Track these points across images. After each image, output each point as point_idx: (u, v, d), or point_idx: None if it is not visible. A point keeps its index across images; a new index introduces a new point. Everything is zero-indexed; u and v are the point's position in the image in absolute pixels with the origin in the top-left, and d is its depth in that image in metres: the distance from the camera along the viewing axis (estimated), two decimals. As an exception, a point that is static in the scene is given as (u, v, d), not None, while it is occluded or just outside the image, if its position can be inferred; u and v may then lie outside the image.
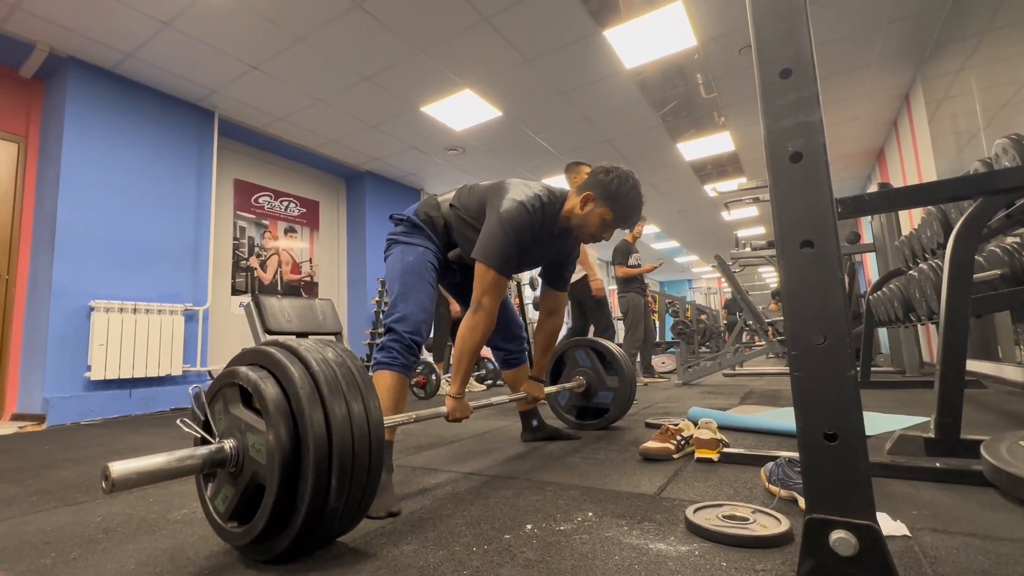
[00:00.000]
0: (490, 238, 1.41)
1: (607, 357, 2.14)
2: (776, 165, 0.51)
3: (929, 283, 1.90)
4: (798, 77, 0.49)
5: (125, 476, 0.71)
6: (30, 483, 1.63)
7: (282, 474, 0.78)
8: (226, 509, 0.87)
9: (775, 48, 0.50)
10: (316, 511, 0.80)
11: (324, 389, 0.83)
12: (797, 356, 0.47)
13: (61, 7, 2.89)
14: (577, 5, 3.08)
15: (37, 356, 3.17)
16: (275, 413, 0.81)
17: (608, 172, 1.49)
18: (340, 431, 0.82)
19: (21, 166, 3.44)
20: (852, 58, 3.81)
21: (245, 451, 0.84)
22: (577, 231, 1.55)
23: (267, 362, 0.88)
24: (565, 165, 3.51)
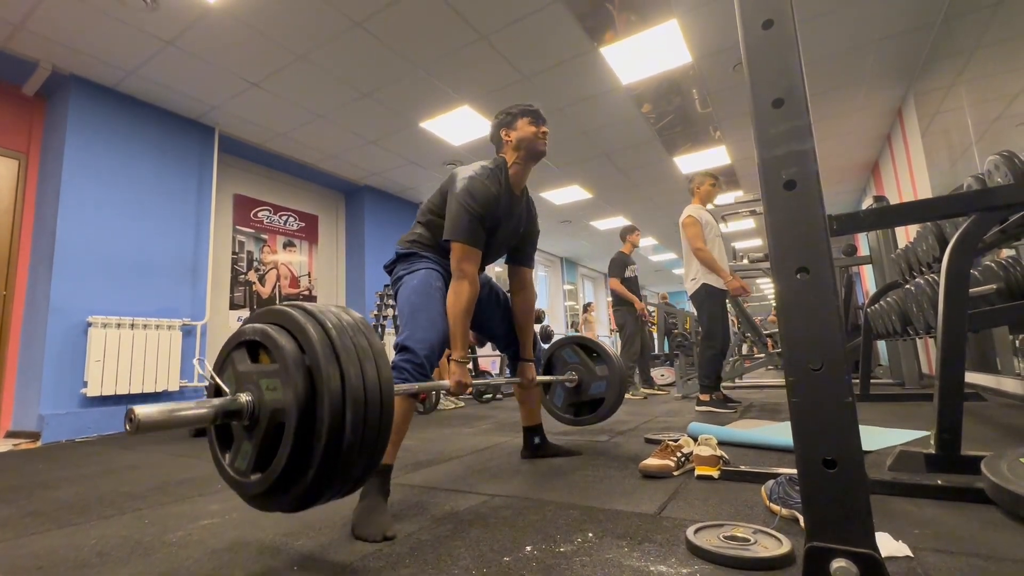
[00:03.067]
0: (454, 216, 1.49)
1: (593, 349, 2.16)
2: (770, 192, 0.52)
3: (926, 297, 1.91)
4: (790, 107, 0.50)
5: (149, 419, 0.72)
6: (23, 503, 1.61)
7: (299, 409, 0.78)
8: (247, 465, 0.85)
9: (768, 79, 0.51)
10: (333, 447, 0.79)
11: (337, 341, 0.83)
12: (794, 382, 0.47)
13: (65, 27, 2.92)
14: (574, 23, 3.13)
15: (33, 373, 3.16)
16: (290, 355, 0.81)
17: (506, 111, 1.68)
18: (353, 383, 0.81)
19: (22, 182, 3.45)
20: (845, 74, 3.87)
21: (260, 402, 0.83)
22: (524, 161, 1.62)
23: (282, 320, 0.88)
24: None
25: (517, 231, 1.73)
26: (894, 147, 5.04)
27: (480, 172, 1.54)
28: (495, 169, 1.58)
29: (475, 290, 1.48)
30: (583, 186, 6.16)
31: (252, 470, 0.84)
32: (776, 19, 0.52)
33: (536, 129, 1.62)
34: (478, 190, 1.50)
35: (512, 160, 1.62)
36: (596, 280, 12.96)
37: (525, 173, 1.65)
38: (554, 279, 10.57)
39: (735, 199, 6.01)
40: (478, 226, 1.49)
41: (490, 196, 1.52)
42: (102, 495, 1.67)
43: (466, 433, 2.71)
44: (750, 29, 0.56)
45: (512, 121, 1.64)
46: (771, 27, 0.53)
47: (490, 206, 1.52)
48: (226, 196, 4.67)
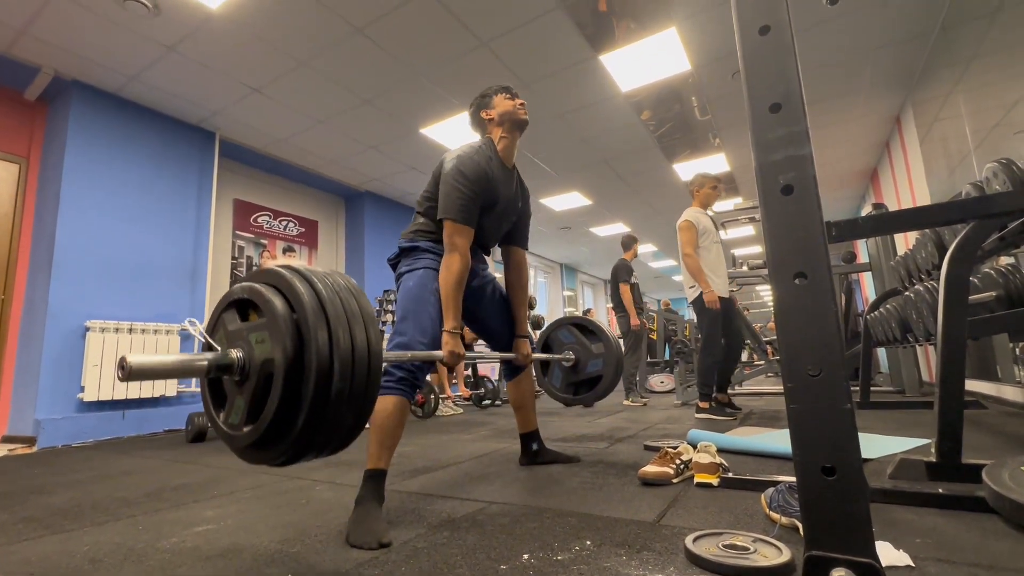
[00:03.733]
0: (445, 195, 1.52)
1: (589, 328, 2.17)
2: (768, 197, 0.52)
3: (925, 305, 1.90)
4: (787, 112, 0.50)
5: (140, 367, 0.71)
6: (17, 509, 1.59)
7: (287, 361, 0.78)
8: (240, 419, 0.85)
9: (765, 84, 0.51)
10: (320, 401, 0.79)
11: (327, 301, 0.84)
12: (793, 388, 0.47)
13: (68, 32, 2.94)
14: (574, 31, 3.15)
15: (30, 377, 3.14)
16: (278, 309, 0.81)
17: (482, 94, 1.73)
18: (342, 344, 0.82)
19: (22, 187, 3.46)
20: (843, 82, 3.89)
21: (250, 356, 0.84)
22: (510, 132, 1.66)
23: (272, 279, 0.89)
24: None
25: (516, 205, 1.76)
26: (893, 154, 5.05)
27: (468, 151, 1.57)
28: (483, 146, 1.62)
29: (466, 263, 1.50)
30: (583, 193, 6.18)
31: (244, 423, 0.84)
32: (773, 25, 0.52)
33: (514, 101, 1.68)
34: (468, 167, 1.53)
35: (498, 135, 1.67)
36: (596, 286, 12.96)
37: (513, 145, 1.69)
38: (554, 285, 10.57)
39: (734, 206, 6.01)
40: (469, 203, 1.52)
41: (481, 171, 1.54)
42: (96, 501, 1.65)
43: (464, 440, 2.70)
44: (747, 35, 0.56)
45: (489, 101, 1.70)
46: (768, 33, 0.53)
47: (482, 181, 1.55)
48: (226, 201, 4.67)
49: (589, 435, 2.67)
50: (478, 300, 1.78)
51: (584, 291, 12.32)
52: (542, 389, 2.25)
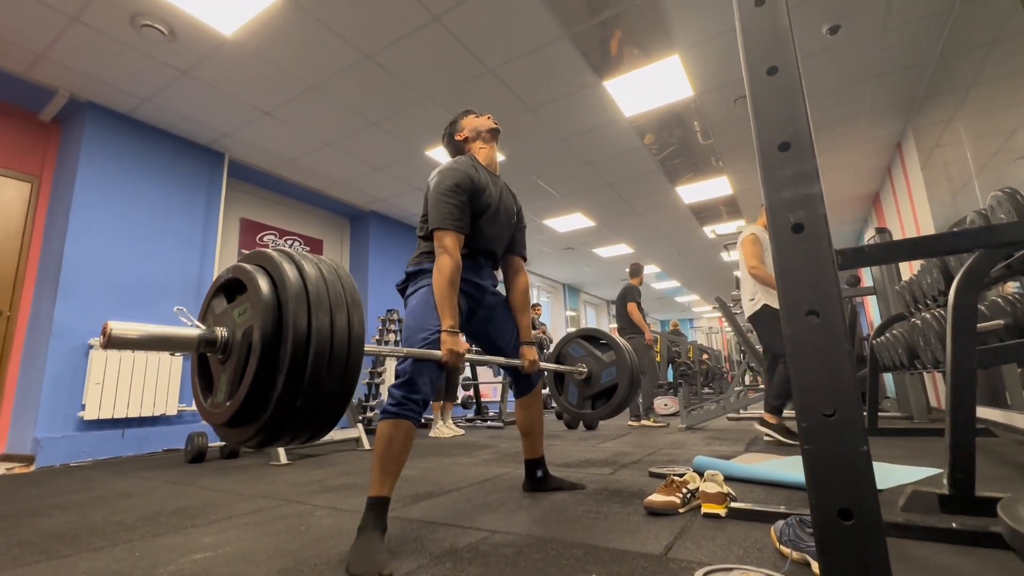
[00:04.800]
0: (431, 208, 1.56)
1: (598, 338, 2.15)
2: (779, 235, 0.52)
3: (933, 332, 1.89)
4: (797, 150, 0.51)
5: (122, 336, 0.71)
6: (12, 532, 1.57)
7: (264, 332, 0.79)
8: (223, 396, 0.85)
9: (773, 123, 0.52)
10: (295, 378, 0.80)
11: (311, 283, 0.86)
12: (807, 428, 0.46)
13: (85, 57, 3.01)
14: (578, 58, 3.21)
15: (31, 395, 3.13)
16: (261, 286, 0.83)
17: (449, 123, 1.81)
18: (321, 326, 0.83)
19: (33, 205, 3.50)
20: (844, 109, 3.94)
21: (233, 333, 0.85)
22: (486, 141, 1.75)
23: (260, 260, 0.91)
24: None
25: (512, 209, 1.80)
26: (894, 180, 5.09)
27: (451, 163, 1.63)
28: (465, 159, 1.68)
29: (456, 262, 1.50)
30: (586, 214, 6.22)
31: (226, 398, 0.84)
32: (781, 65, 0.53)
33: (481, 116, 1.78)
34: (450, 177, 1.57)
35: (477, 148, 1.75)
36: (599, 307, 12.94)
37: (493, 153, 1.77)
38: (556, 305, 10.56)
39: (737, 228, 6.03)
40: (455, 210, 1.54)
41: (465, 176, 1.58)
42: (93, 524, 1.63)
43: (467, 463, 2.66)
44: (755, 75, 0.57)
45: (457, 124, 1.79)
46: (776, 73, 0.54)
47: (467, 185, 1.58)
48: (233, 220, 4.72)
49: (593, 460, 2.63)
50: (490, 319, 1.78)
51: (587, 311, 12.29)
52: (559, 408, 2.21)
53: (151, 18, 2.73)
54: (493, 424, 4.92)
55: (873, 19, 2.96)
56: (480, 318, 1.77)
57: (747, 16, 0.56)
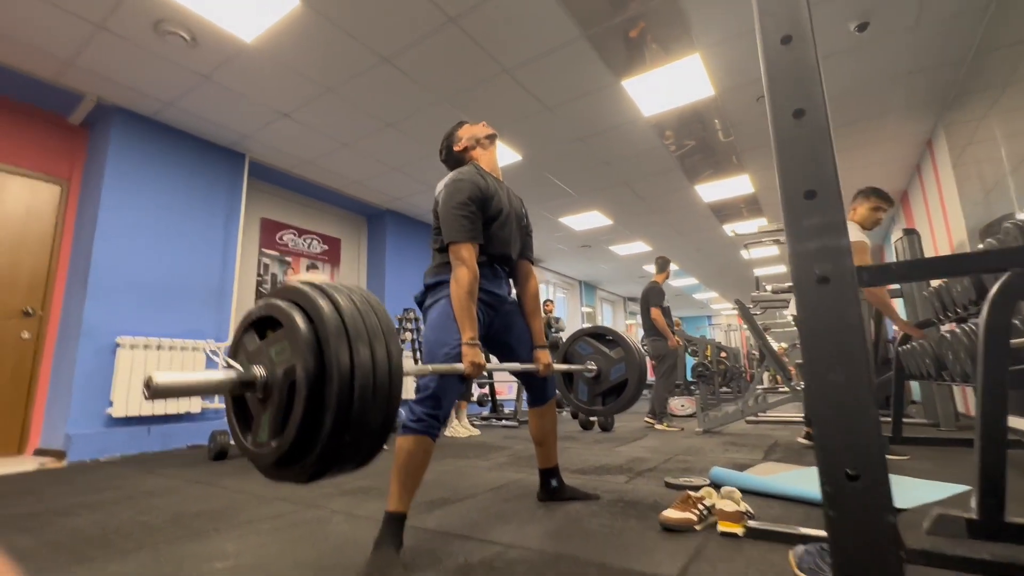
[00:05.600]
0: (444, 221, 1.57)
1: (605, 335, 2.14)
2: (803, 288, 0.50)
3: (963, 348, 1.83)
4: (823, 199, 0.49)
5: (165, 386, 0.73)
6: (43, 532, 1.63)
7: (307, 369, 0.79)
8: (266, 435, 0.85)
9: (799, 169, 0.50)
10: (344, 410, 0.79)
11: (348, 317, 0.85)
12: (829, 494, 0.44)
13: (111, 63, 3.08)
14: (596, 58, 3.17)
15: (63, 392, 3.24)
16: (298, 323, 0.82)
17: (445, 137, 1.85)
18: (363, 359, 0.83)
19: (62, 208, 3.60)
20: (873, 106, 3.82)
21: (272, 371, 0.84)
22: (485, 147, 1.77)
23: (291, 295, 0.90)
24: None
25: (521, 212, 1.82)
26: (924, 177, 4.92)
27: (455, 175, 1.63)
28: (468, 168, 1.68)
29: (473, 273, 1.51)
30: (603, 212, 6.16)
31: (271, 439, 0.84)
32: (808, 108, 0.51)
33: (476, 124, 1.80)
34: (460, 187, 1.58)
35: (475, 154, 1.76)
36: (615, 303, 12.85)
37: (494, 157, 1.79)
38: (572, 302, 10.52)
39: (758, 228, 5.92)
40: (468, 222, 1.55)
41: (474, 185, 1.59)
42: (120, 525, 1.68)
43: (481, 467, 2.68)
44: (780, 117, 0.55)
45: (453, 137, 1.81)
46: (803, 116, 0.52)
47: (477, 193, 1.59)
48: (253, 220, 4.80)
49: (608, 466, 2.62)
50: (508, 327, 1.78)
51: (603, 308, 12.22)
52: (568, 406, 2.21)
53: (174, 25, 2.78)
54: (508, 423, 4.93)
55: (904, 16, 2.85)
56: (498, 327, 1.77)
57: (773, 54, 0.54)
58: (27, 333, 3.35)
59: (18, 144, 3.45)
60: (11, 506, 2.02)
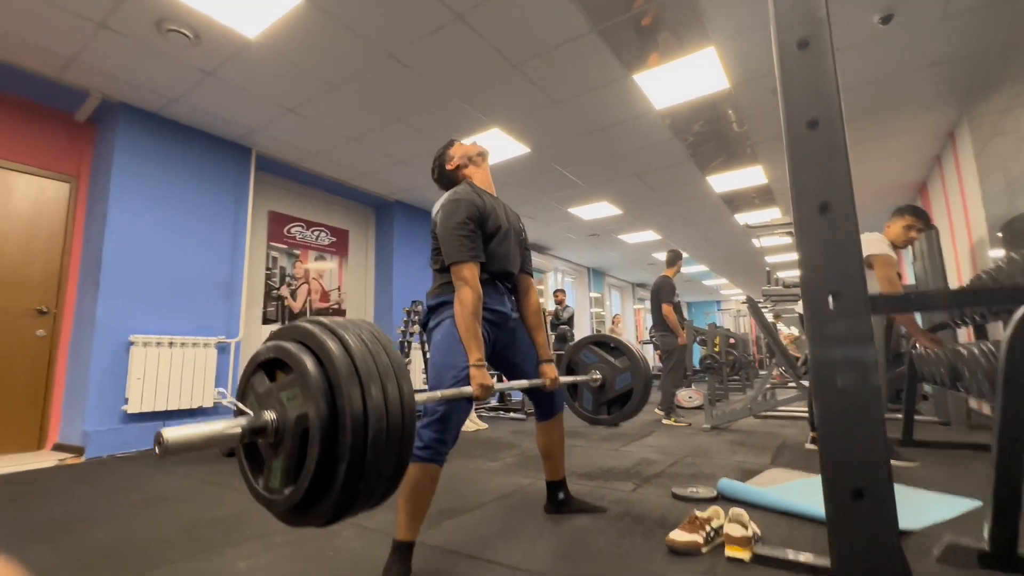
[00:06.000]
0: (444, 243, 1.56)
1: (610, 344, 2.13)
2: (814, 306, 0.48)
3: (980, 368, 1.79)
4: (837, 213, 0.46)
5: (177, 443, 0.73)
6: (62, 544, 1.67)
7: (320, 416, 0.79)
8: (279, 482, 0.84)
9: (813, 182, 0.47)
10: (358, 457, 0.79)
11: (358, 358, 0.84)
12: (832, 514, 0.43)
13: (114, 60, 3.04)
14: (607, 52, 3.08)
15: (79, 389, 3.30)
16: (308, 366, 0.81)
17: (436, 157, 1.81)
18: (375, 401, 0.82)
19: (72, 205, 3.62)
20: (894, 97, 3.69)
21: (283, 416, 0.83)
22: (477, 165, 1.76)
23: (299, 336, 0.88)
24: None
25: (519, 228, 1.82)
26: (944, 168, 4.78)
27: (451, 195, 1.62)
28: (462, 186, 1.67)
29: (477, 293, 1.50)
30: (612, 202, 6.08)
31: (284, 485, 0.83)
32: (822, 118, 0.48)
33: (467, 144, 1.80)
34: (457, 207, 1.56)
35: (470, 174, 1.75)
36: (623, 289, 12.80)
37: (487, 174, 1.79)
38: (580, 288, 10.49)
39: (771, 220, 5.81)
40: (468, 241, 1.54)
41: (470, 204, 1.58)
42: (138, 538, 1.72)
43: (489, 470, 2.70)
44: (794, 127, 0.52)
45: (444, 156, 1.79)
46: (817, 127, 0.49)
47: (475, 212, 1.58)
48: (261, 213, 4.79)
49: (615, 470, 2.63)
50: (512, 343, 1.77)
51: (611, 294, 12.18)
52: (576, 414, 2.21)
53: (176, 23, 2.73)
54: (516, 416, 4.97)
55: (932, 8, 2.72)
56: (503, 344, 1.76)
57: (788, 58, 0.52)
58: (42, 331, 3.41)
59: (25, 142, 3.44)
60: (34, 509, 2.07)
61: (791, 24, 0.58)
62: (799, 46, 0.58)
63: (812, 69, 0.56)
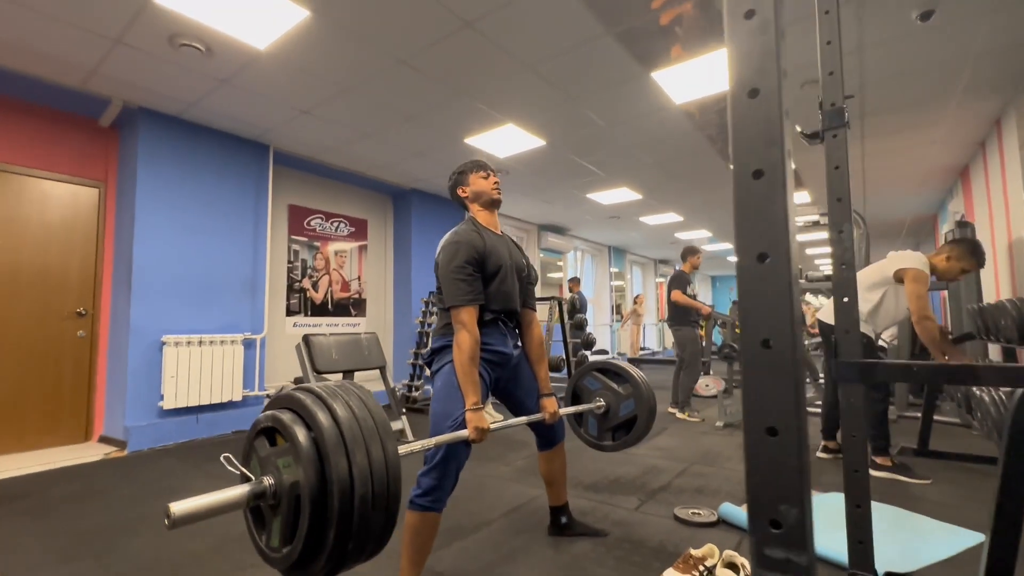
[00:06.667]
0: (444, 287, 1.61)
1: (613, 371, 2.14)
2: (749, 354, 0.53)
3: (990, 417, 1.75)
4: (774, 262, 0.50)
5: (184, 514, 0.81)
6: (105, 558, 1.84)
7: (310, 486, 0.86)
8: (278, 541, 0.93)
9: (754, 233, 0.49)
10: (346, 521, 0.87)
11: (345, 426, 0.91)
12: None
13: (131, 71, 3.09)
14: (623, 53, 2.96)
15: (119, 386, 3.53)
16: (300, 437, 0.89)
17: (454, 172, 1.82)
18: (360, 466, 0.89)
19: (102, 210, 3.76)
20: (936, 87, 3.45)
21: (280, 481, 0.91)
22: (485, 208, 1.77)
23: (293, 405, 0.97)
24: None
25: (523, 264, 1.83)
26: (988, 155, 4.50)
27: (453, 237, 1.65)
28: (466, 226, 1.70)
29: (474, 338, 1.54)
30: (632, 188, 5.95)
31: (282, 544, 0.92)
32: (767, 169, 0.50)
33: (487, 180, 1.77)
34: (456, 251, 1.59)
35: (475, 211, 1.78)
36: (645, 266, 12.64)
37: (493, 218, 1.79)
38: (600, 266, 10.41)
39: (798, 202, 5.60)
40: (467, 284, 1.57)
41: (470, 246, 1.61)
42: (170, 553, 1.88)
43: (501, 476, 2.80)
44: (741, 177, 0.55)
45: (465, 178, 1.79)
46: (761, 176, 0.52)
47: (475, 254, 1.61)
48: (281, 208, 4.88)
49: (622, 480, 2.70)
50: (515, 378, 1.82)
51: (633, 271, 12.05)
52: (581, 440, 2.23)
53: (188, 38, 2.74)
54: (531, 405, 5.07)
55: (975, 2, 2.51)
56: (506, 379, 1.81)
57: (740, 107, 0.54)
58: (82, 332, 3.62)
59: (54, 150, 3.57)
60: (82, 516, 2.27)
61: (744, 70, 0.59)
62: (750, 95, 0.58)
63: (760, 119, 0.57)
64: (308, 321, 5.06)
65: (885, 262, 2.80)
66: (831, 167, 1.53)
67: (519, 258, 1.83)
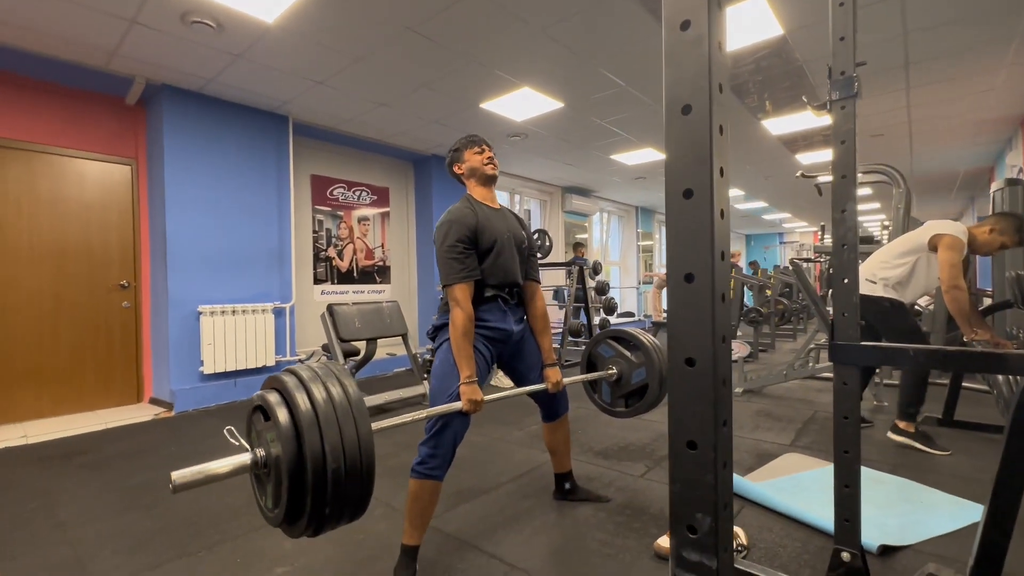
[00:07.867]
0: (440, 266, 1.66)
1: (625, 339, 2.13)
2: (676, 373, 0.57)
3: (1003, 398, 1.68)
4: (699, 283, 0.54)
5: (184, 481, 0.93)
6: (159, 513, 2.05)
7: (288, 459, 0.98)
8: (271, 503, 1.06)
9: (683, 253, 0.53)
10: (320, 491, 0.98)
11: (320, 406, 1.01)
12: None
13: (149, 50, 3.15)
14: (639, 10, 2.80)
15: (163, 353, 3.80)
16: (280, 416, 1.01)
17: (451, 150, 1.84)
18: (333, 445, 1.00)
19: (135, 186, 3.93)
20: (993, 30, 3.14)
21: (268, 453, 1.03)
22: (481, 185, 1.79)
23: (278, 385, 1.06)
24: None
25: (522, 236, 1.84)
26: (1052, 104, 4.10)
27: (448, 216, 1.68)
28: (462, 203, 1.73)
29: (467, 314, 1.60)
30: (657, 148, 5.74)
31: (273, 506, 1.05)
32: (696, 189, 0.53)
33: (482, 156, 1.79)
34: (449, 231, 1.63)
35: (471, 187, 1.81)
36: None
37: (490, 194, 1.82)
38: (628, 227, 10.22)
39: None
40: (460, 263, 1.62)
41: (464, 223, 1.64)
42: (211, 509, 2.08)
43: (513, 440, 2.91)
44: (672, 196, 0.58)
45: (460, 155, 1.81)
46: (692, 196, 0.54)
47: (465, 232, 1.64)
48: (304, 178, 4.97)
49: (631, 446, 2.76)
50: (518, 352, 1.86)
51: (662, 232, 11.77)
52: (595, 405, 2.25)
53: (199, 15, 2.76)
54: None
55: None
56: (509, 355, 1.86)
57: (674, 123, 0.58)
58: (127, 303, 3.88)
59: (87, 130, 3.72)
60: (133, 471, 2.52)
61: (678, 87, 0.63)
62: (683, 111, 0.61)
63: (691, 137, 0.60)
64: (335, 289, 5.23)
65: (921, 229, 2.65)
66: (837, 141, 1.45)
67: (518, 231, 1.83)
